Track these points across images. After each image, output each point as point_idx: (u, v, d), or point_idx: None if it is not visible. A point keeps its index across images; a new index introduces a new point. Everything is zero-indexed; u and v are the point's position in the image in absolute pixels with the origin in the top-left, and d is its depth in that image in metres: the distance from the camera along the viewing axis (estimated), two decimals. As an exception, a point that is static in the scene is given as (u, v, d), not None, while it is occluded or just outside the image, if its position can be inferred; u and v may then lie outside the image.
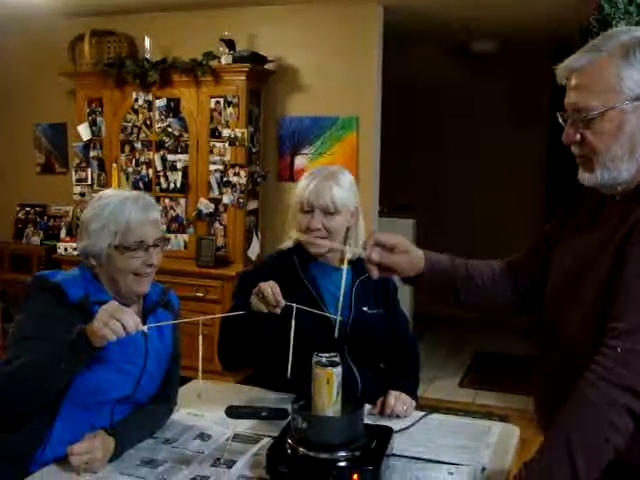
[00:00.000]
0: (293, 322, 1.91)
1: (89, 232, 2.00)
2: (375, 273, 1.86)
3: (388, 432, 1.87)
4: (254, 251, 5.19)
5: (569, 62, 1.57)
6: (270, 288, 2.06)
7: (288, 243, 2.45)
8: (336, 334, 1.77)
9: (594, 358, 1.46)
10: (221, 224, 5.19)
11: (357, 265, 2.44)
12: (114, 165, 5.44)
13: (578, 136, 1.56)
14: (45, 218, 6.01)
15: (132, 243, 1.98)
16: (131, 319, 1.75)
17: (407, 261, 1.86)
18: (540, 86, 6.56)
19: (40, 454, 1.86)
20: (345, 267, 2.07)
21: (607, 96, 1.50)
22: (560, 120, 1.60)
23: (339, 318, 1.83)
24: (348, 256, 2.05)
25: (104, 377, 1.92)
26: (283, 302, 2.06)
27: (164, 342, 2.16)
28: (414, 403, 2.26)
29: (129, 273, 2.00)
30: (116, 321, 1.72)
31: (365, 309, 2.36)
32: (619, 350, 1.43)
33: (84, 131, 5.49)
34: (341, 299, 2.07)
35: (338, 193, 2.31)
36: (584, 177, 1.59)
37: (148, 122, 5.31)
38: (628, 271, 1.47)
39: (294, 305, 1.99)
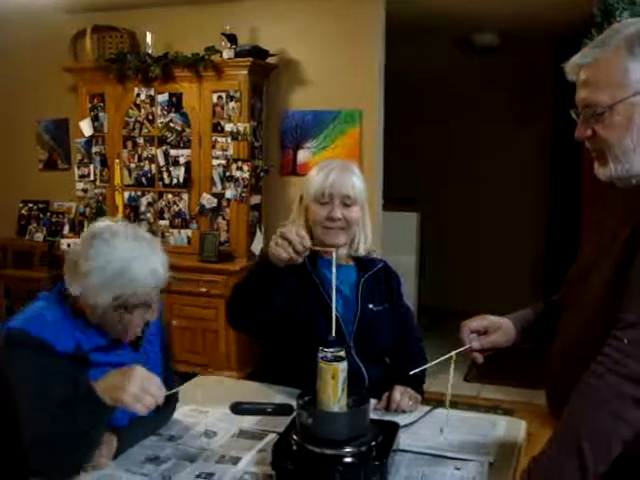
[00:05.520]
0: (334, 268, 1.84)
1: (87, 285, 1.78)
2: (480, 359, 1.91)
3: (394, 427, 1.85)
4: (257, 246, 5.18)
5: (577, 58, 1.58)
6: (294, 231, 2.03)
7: None
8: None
9: (602, 350, 1.46)
10: (224, 219, 5.18)
11: (362, 262, 2.43)
12: (117, 161, 5.43)
13: (589, 131, 1.57)
14: (48, 214, 6.00)
15: (137, 304, 1.82)
16: (159, 389, 1.66)
17: (502, 336, 1.91)
18: (544, 79, 6.55)
19: None
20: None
21: (615, 90, 1.50)
22: (574, 116, 1.61)
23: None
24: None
25: None
26: (309, 244, 2.04)
27: (153, 357, 2.03)
28: (420, 398, 2.25)
29: (127, 330, 1.86)
30: (149, 396, 1.63)
31: (371, 306, 2.36)
32: (626, 342, 1.43)
33: (86, 127, 5.48)
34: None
35: (357, 183, 2.33)
36: (599, 172, 1.60)
37: (150, 117, 5.30)
38: (637, 262, 1.46)
39: (334, 252, 1.91)
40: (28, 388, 1.71)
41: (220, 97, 5.06)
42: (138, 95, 5.30)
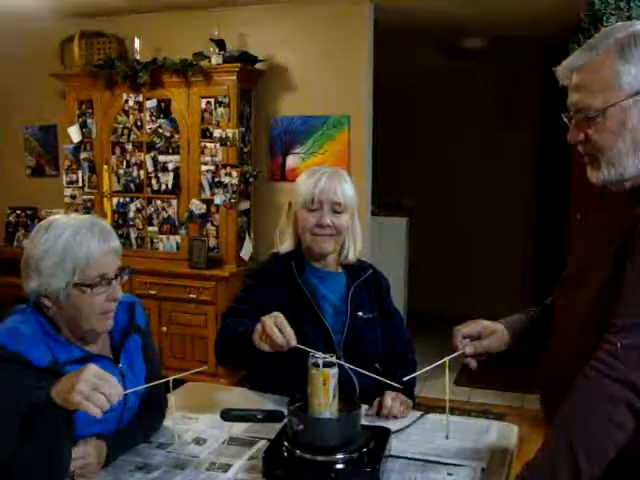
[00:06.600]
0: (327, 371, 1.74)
1: (40, 270, 1.77)
2: (474, 364, 1.90)
3: (386, 433, 1.85)
4: (247, 252, 5.17)
5: (568, 62, 1.58)
6: (278, 329, 1.87)
7: (286, 246, 2.39)
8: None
9: (594, 354, 1.46)
10: (213, 225, 5.16)
11: (352, 270, 2.42)
12: (105, 167, 5.41)
13: (582, 135, 1.56)
14: (36, 221, 5.95)
15: (93, 279, 1.78)
16: (114, 389, 1.56)
17: (496, 341, 1.90)
18: (532, 83, 6.57)
19: None
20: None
21: (607, 94, 1.50)
22: (565, 120, 1.60)
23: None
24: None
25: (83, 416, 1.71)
26: (294, 343, 1.87)
27: (136, 369, 2.01)
28: (411, 403, 2.24)
29: (94, 313, 1.81)
30: (100, 394, 1.53)
31: (360, 314, 2.34)
32: (619, 346, 1.42)
33: (74, 133, 5.46)
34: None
35: (347, 190, 2.31)
36: (592, 176, 1.59)
37: (139, 123, 5.28)
38: (630, 267, 1.46)
39: (323, 357, 1.74)
40: (4, 403, 1.67)
41: (209, 103, 5.05)
42: (126, 101, 5.28)
